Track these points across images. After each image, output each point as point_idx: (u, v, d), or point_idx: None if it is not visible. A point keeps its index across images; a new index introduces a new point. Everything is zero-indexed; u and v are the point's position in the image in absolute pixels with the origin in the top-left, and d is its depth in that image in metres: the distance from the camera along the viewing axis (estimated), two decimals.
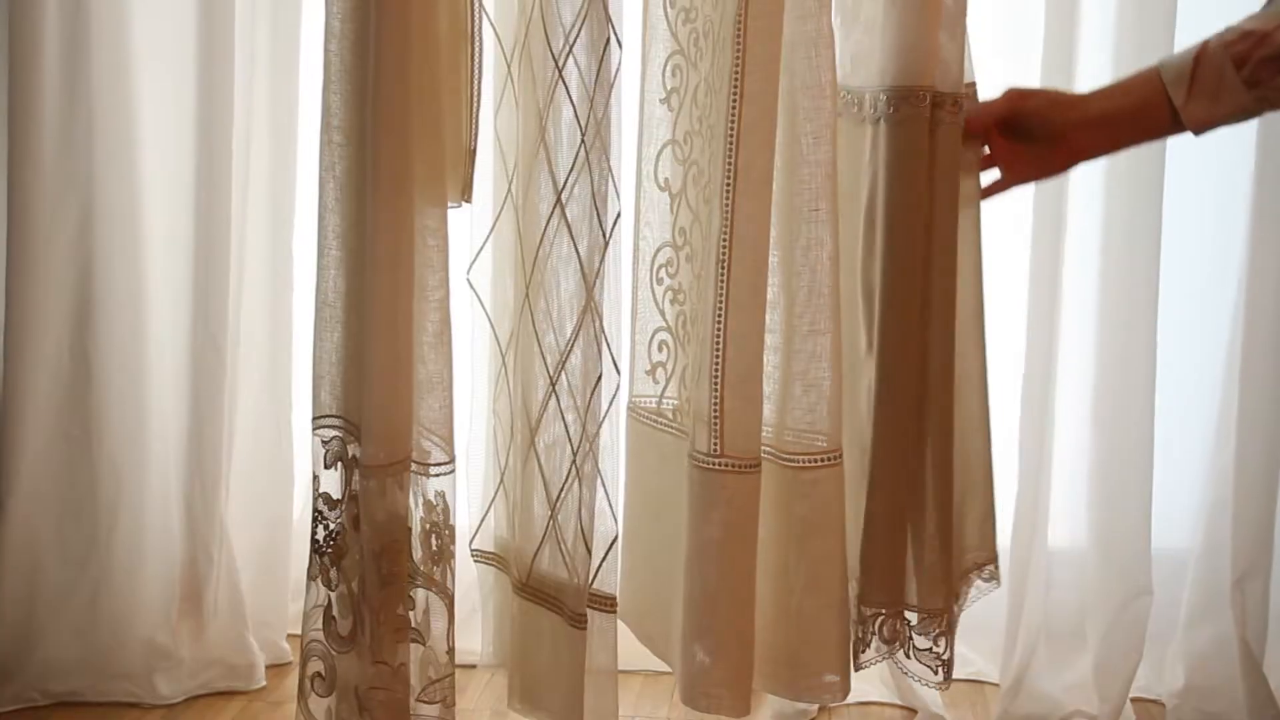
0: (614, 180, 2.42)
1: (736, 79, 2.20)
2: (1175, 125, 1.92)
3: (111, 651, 2.99)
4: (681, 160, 2.46)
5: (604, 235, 2.41)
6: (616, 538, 2.47)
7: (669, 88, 2.49)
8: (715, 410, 2.23)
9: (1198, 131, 1.91)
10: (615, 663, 2.52)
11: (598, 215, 2.42)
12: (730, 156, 2.21)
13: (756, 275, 2.23)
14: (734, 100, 2.19)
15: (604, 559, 2.46)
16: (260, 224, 3.08)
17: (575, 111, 2.47)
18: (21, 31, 2.85)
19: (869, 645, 2.39)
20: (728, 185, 2.20)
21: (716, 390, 2.22)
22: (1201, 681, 2.97)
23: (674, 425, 2.48)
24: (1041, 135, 2.06)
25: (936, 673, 2.32)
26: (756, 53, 2.21)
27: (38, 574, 2.98)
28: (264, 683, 3.11)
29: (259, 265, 3.09)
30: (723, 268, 2.20)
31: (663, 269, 2.47)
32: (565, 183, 2.47)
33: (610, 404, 2.44)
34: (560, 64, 2.48)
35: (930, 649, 2.35)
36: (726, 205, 2.20)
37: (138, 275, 2.95)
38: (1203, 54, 1.89)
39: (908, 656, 2.34)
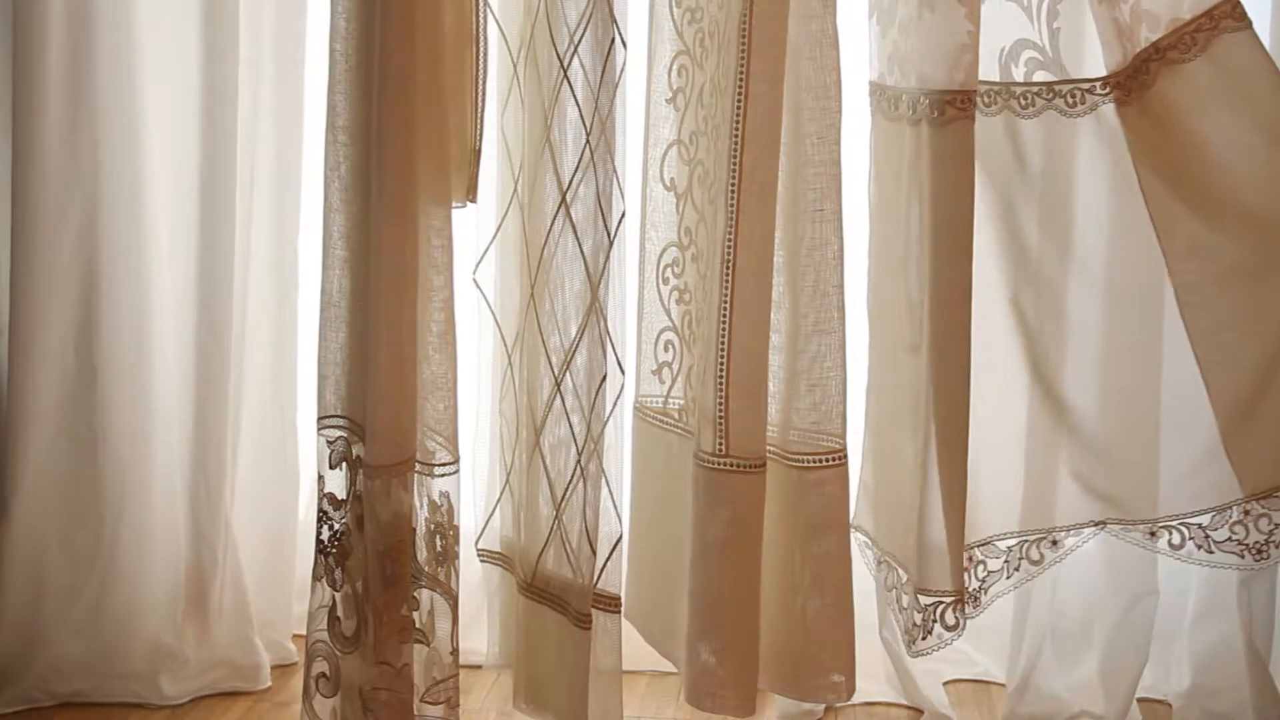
0: (619, 180, 2.43)
1: (741, 80, 2.20)
2: None
3: (116, 652, 2.97)
4: (687, 160, 2.46)
5: (609, 235, 2.42)
6: (621, 537, 2.47)
7: (674, 88, 2.49)
8: (720, 410, 2.23)
9: None
10: (620, 663, 2.52)
11: (602, 215, 2.42)
12: (735, 157, 2.21)
13: (761, 275, 2.24)
14: (739, 101, 2.20)
15: (609, 559, 2.46)
16: (265, 224, 3.06)
17: (580, 111, 2.48)
18: (26, 31, 2.84)
19: (930, 632, 2.40)
20: (732, 186, 2.20)
21: (722, 390, 2.22)
22: (1208, 681, 2.93)
23: (680, 425, 2.48)
24: None
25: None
26: (762, 54, 2.21)
27: (42, 574, 2.96)
28: (269, 683, 3.09)
29: (264, 265, 3.07)
30: (728, 267, 2.20)
31: (668, 269, 2.47)
32: (570, 182, 2.48)
33: (615, 404, 2.44)
34: (565, 64, 2.48)
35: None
36: (731, 205, 2.20)
37: (142, 275, 2.93)
38: None
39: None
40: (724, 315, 2.22)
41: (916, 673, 2.92)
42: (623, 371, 2.42)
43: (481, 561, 2.87)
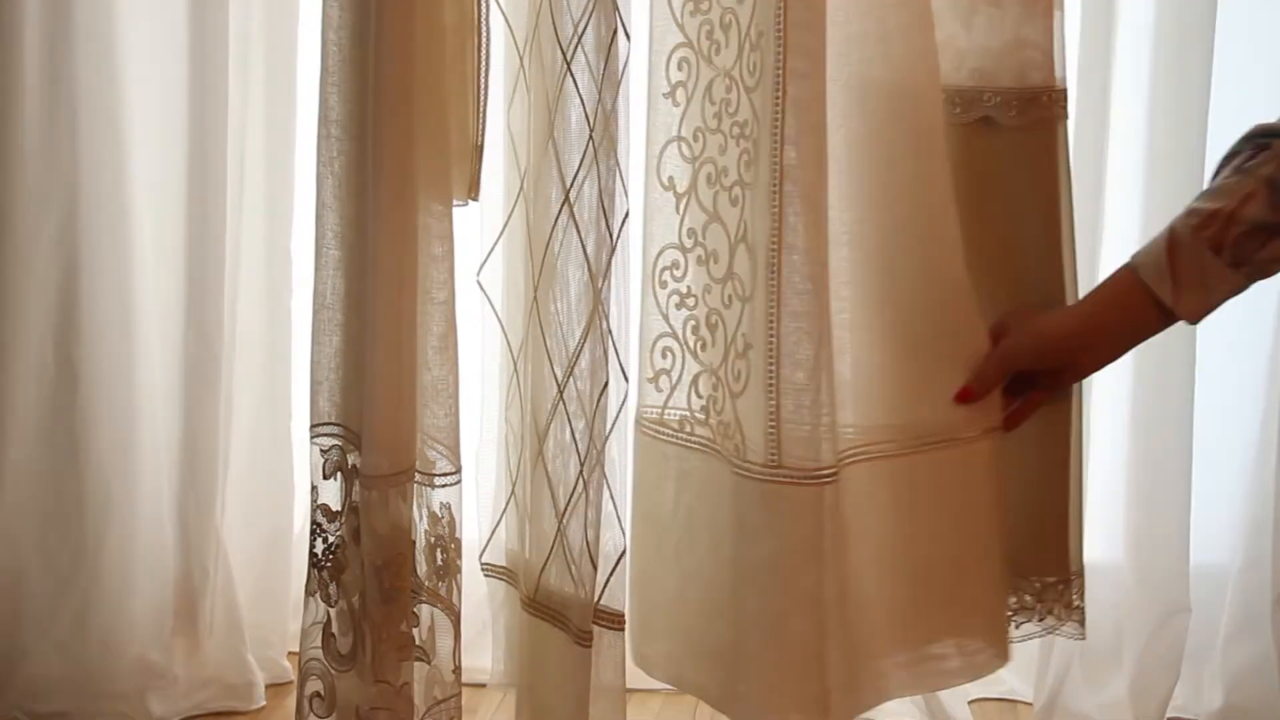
0: (622, 178, 2.36)
1: (779, 77, 2.14)
2: (1168, 319, 1.91)
3: (101, 670, 2.96)
4: (690, 159, 2.40)
5: (611, 235, 2.36)
6: (624, 551, 2.41)
7: (674, 82, 2.43)
8: (772, 420, 2.16)
9: (1194, 321, 1.90)
10: (624, 681, 2.41)
11: (604, 214, 2.35)
12: (776, 157, 2.15)
13: (806, 280, 2.18)
14: (778, 98, 2.14)
15: (611, 574, 2.38)
16: (256, 223, 3.05)
17: (584, 106, 2.42)
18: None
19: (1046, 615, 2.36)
20: (774, 188, 2.15)
21: (773, 398, 2.16)
22: (1240, 701, 2.95)
23: (680, 435, 2.42)
24: (1044, 375, 2.04)
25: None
26: (801, 49, 2.15)
27: (21, 588, 2.94)
28: (263, 702, 3.09)
29: (255, 266, 3.06)
30: (773, 272, 2.15)
31: (666, 272, 2.42)
32: (573, 180, 2.42)
33: (619, 411, 2.37)
34: (569, 56, 2.43)
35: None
36: (774, 209, 2.14)
37: (126, 276, 2.92)
38: (1174, 246, 1.88)
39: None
40: (771, 322, 2.17)
41: (942, 691, 2.87)
42: (626, 378, 2.37)
43: (486, 576, 2.81)
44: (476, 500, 2.82)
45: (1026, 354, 2.03)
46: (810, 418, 2.18)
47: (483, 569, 2.81)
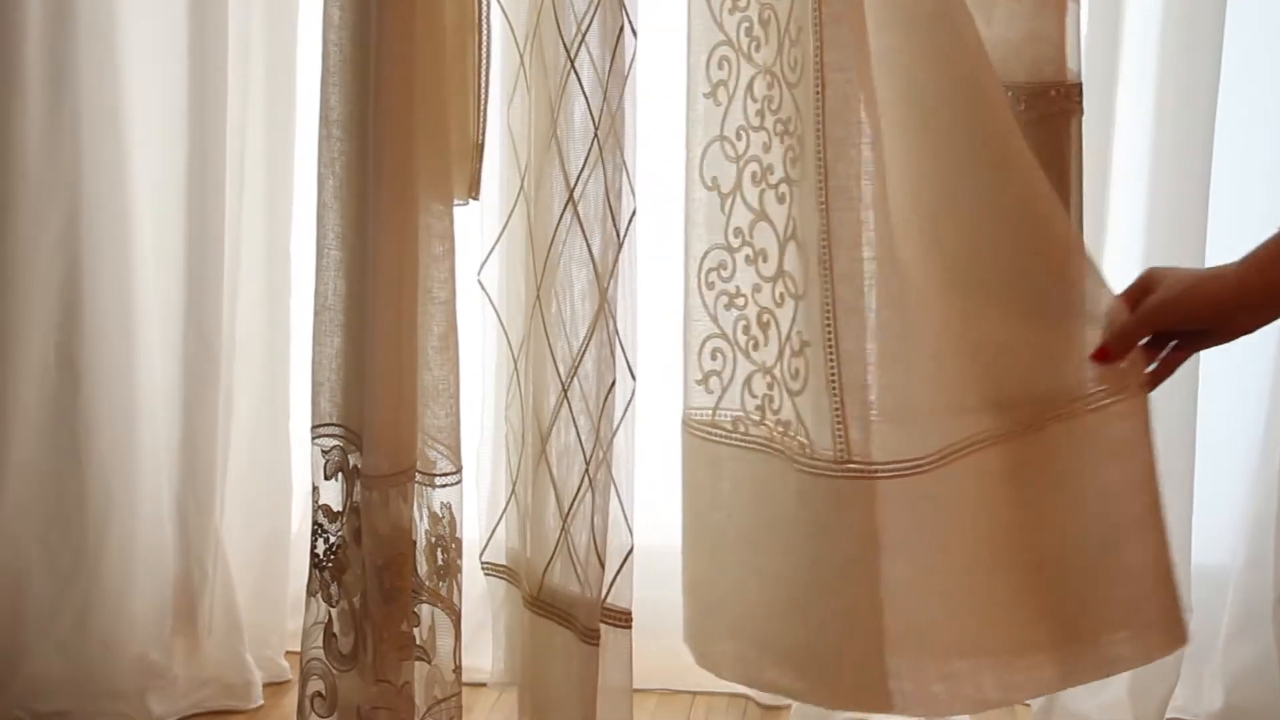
0: (629, 176, 2.36)
1: (819, 72, 2.13)
2: None
3: (101, 669, 2.95)
4: (733, 158, 2.38)
5: (618, 234, 2.35)
6: (631, 550, 2.41)
7: (714, 81, 2.41)
8: (838, 416, 2.15)
9: None
10: (630, 680, 2.44)
11: (611, 213, 2.35)
12: (820, 153, 2.14)
13: (853, 276, 2.17)
14: (819, 92, 2.13)
15: (618, 572, 2.39)
16: (256, 223, 3.03)
17: (588, 104, 2.41)
18: (1, 23, 2.81)
19: None
20: (821, 184, 2.14)
21: (836, 395, 2.15)
22: (1241, 702, 2.92)
23: (734, 436, 2.40)
24: (1189, 335, 1.97)
25: None
26: (837, 43, 2.14)
27: (23, 588, 2.93)
28: (261, 702, 3.07)
29: (255, 267, 3.04)
30: (825, 268, 2.13)
31: (712, 273, 2.40)
32: (577, 179, 2.42)
33: (625, 410, 2.37)
34: (572, 53, 2.42)
35: None
36: (822, 205, 2.13)
37: (127, 277, 2.90)
38: None
39: None
40: (828, 318, 2.16)
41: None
42: (634, 377, 2.36)
43: (486, 575, 2.81)
44: (477, 498, 2.82)
45: (1176, 313, 1.95)
46: (881, 411, 2.16)
47: (483, 568, 2.81)
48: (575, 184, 2.41)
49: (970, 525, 2.10)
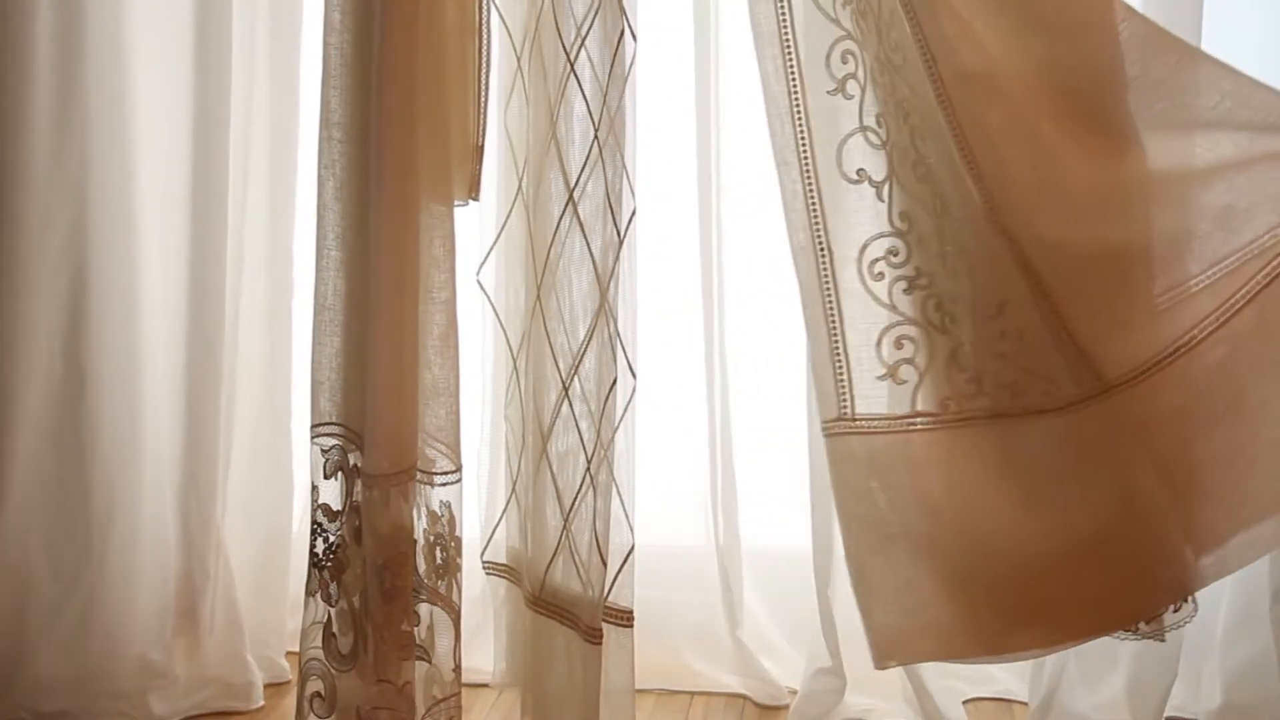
0: (629, 177, 2.37)
1: (925, 50, 2.21)
2: None
3: (103, 669, 2.92)
4: (879, 145, 2.37)
5: (619, 234, 2.37)
6: (632, 549, 2.41)
7: (840, 75, 2.40)
8: (1074, 351, 2.26)
9: None
10: (632, 679, 2.46)
11: (612, 214, 2.37)
12: (957, 129, 2.24)
13: None
14: (931, 68, 2.22)
15: (620, 570, 2.39)
16: (259, 225, 3.02)
17: (588, 106, 2.42)
18: (12, 27, 2.81)
19: None
20: (964, 153, 2.26)
21: (1065, 337, 2.26)
22: (1239, 700, 2.88)
23: (943, 420, 2.39)
24: None
25: None
26: (933, 16, 2.23)
27: (27, 588, 2.91)
28: (262, 702, 3.03)
29: (258, 268, 3.03)
30: (999, 229, 2.26)
31: (880, 262, 2.39)
32: (577, 180, 2.43)
33: (626, 409, 2.38)
34: (572, 57, 2.44)
35: None
36: (970, 165, 2.24)
37: (131, 278, 2.89)
38: None
39: None
40: (1030, 277, 2.26)
41: (935, 690, 2.85)
42: (634, 375, 2.36)
43: (487, 574, 2.82)
44: (476, 498, 2.82)
45: None
46: (1126, 338, 2.26)
47: (484, 567, 2.81)
48: (575, 185, 2.42)
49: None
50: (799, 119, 2.39)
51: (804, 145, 2.39)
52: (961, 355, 2.33)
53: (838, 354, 2.39)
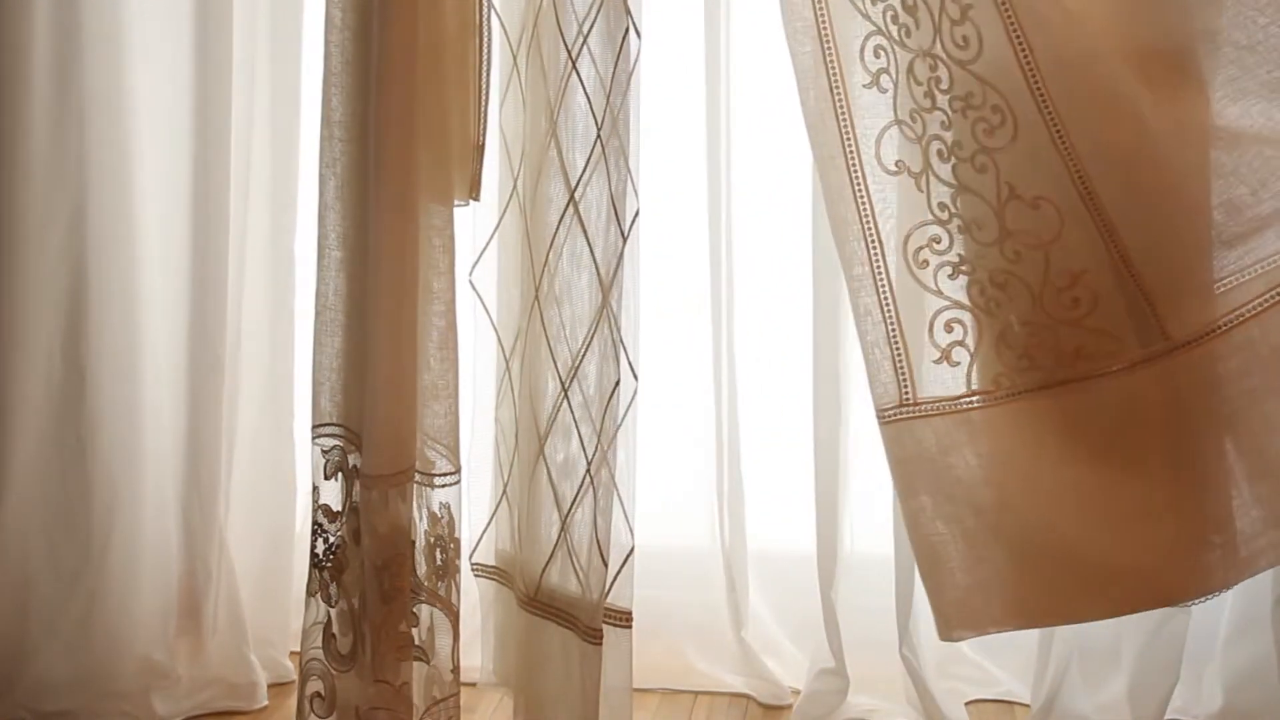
0: (632, 178, 2.36)
1: (1016, 43, 2.28)
2: None
3: (106, 669, 2.91)
4: (915, 138, 2.39)
5: (622, 235, 2.35)
6: (632, 549, 2.41)
7: (874, 70, 2.41)
8: (1149, 311, 2.31)
9: None
10: (630, 679, 2.44)
11: (615, 215, 2.36)
12: (1052, 117, 2.29)
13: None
14: (1024, 56, 2.29)
15: (619, 572, 2.39)
16: (260, 225, 3.01)
17: (590, 105, 2.41)
18: (9, 24, 2.80)
19: None
20: (1057, 140, 2.30)
21: (1143, 299, 2.32)
22: (1240, 703, 2.87)
23: (996, 396, 2.41)
24: None
25: None
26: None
27: (29, 587, 2.90)
28: (266, 702, 3.03)
29: (258, 267, 3.02)
30: (1091, 202, 2.30)
31: (924, 250, 2.41)
32: (579, 180, 2.42)
33: (627, 411, 2.37)
34: (574, 55, 2.42)
35: None
36: (1066, 151, 2.29)
37: (132, 278, 2.89)
38: None
39: None
40: (1111, 242, 2.32)
41: (937, 692, 2.85)
42: (635, 377, 2.35)
43: (476, 576, 2.80)
44: (467, 499, 2.80)
45: None
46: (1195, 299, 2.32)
47: (472, 569, 2.79)
48: (577, 185, 2.41)
49: None
50: (842, 112, 2.41)
51: (848, 138, 2.41)
52: (1010, 335, 2.36)
53: (895, 341, 2.41)
